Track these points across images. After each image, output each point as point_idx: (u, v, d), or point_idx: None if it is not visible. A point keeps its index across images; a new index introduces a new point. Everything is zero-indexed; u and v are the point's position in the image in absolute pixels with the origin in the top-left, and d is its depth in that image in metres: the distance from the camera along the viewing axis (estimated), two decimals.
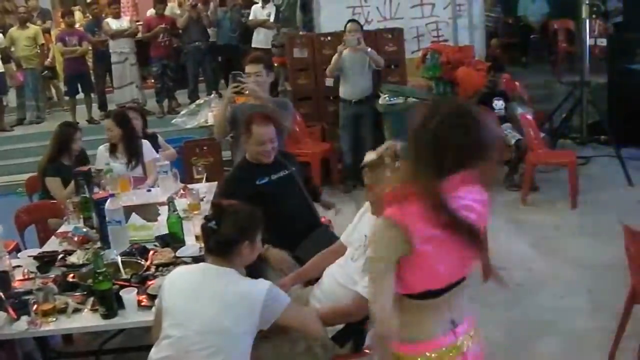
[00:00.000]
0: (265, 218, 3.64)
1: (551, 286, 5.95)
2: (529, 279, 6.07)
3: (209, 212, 3.50)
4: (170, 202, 4.78)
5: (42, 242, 5.48)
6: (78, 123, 11.33)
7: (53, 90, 14.21)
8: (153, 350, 3.35)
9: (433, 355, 2.58)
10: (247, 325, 3.23)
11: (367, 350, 3.85)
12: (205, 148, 8.70)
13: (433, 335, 2.60)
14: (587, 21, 9.88)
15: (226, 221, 3.30)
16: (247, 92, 5.75)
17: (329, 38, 9.51)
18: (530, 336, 5.12)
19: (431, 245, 2.47)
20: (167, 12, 12.70)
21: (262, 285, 3.30)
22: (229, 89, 5.79)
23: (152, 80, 12.79)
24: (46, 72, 13.29)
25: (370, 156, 3.08)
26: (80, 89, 12.31)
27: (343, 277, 3.81)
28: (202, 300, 3.23)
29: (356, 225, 3.96)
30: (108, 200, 4.64)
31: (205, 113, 9.17)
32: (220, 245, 3.31)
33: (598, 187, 8.36)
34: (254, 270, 3.61)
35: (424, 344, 2.60)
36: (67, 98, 12.78)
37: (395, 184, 2.79)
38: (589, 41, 9.97)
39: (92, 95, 12.50)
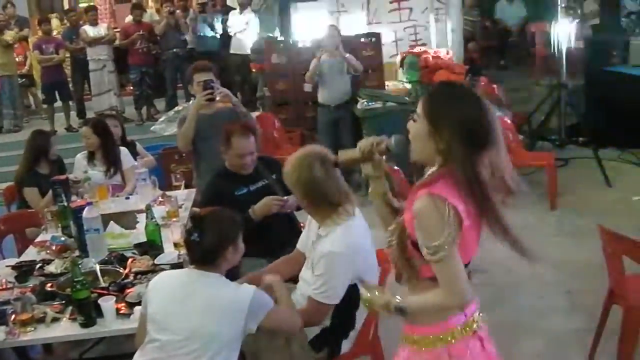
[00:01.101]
0: (244, 228, 3.66)
1: (530, 287, 5.97)
2: (509, 279, 6.08)
3: (189, 223, 3.49)
4: (148, 209, 4.77)
5: (21, 252, 5.45)
6: (56, 131, 11.36)
7: (31, 98, 14.13)
8: (137, 354, 3.36)
9: (446, 335, 2.64)
10: (233, 330, 3.25)
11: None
12: (184, 155, 8.65)
13: (447, 316, 2.65)
14: (564, 23, 9.93)
15: (208, 231, 3.31)
16: (218, 98, 5.76)
17: (307, 44, 9.52)
18: (510, 337, 5.11)
19: (470, 220, 2.53)
20: (146, 19, 12.66)
21: (247, 290, 3.33)
22: (199, 97, 5.75)
23: (131, 88, 12.74)
24: (24, 80, 13.23)
25: (350, 153, 2.98)
26: (58, 97, 12.28)
27: (302, 288, 3.88)
28: (188, 305, 3.24)
29: (307, 232, 4.01)
30: (86, 209, 4.62)
31: None
32: (206, 255, 3.32)
33: (577, 189, 8.41)
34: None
35: (438, 325, 2.65)
36: (45, 106, 12.74)
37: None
38: (565, 43, 10.02)
39: (71, 103, 12.47)
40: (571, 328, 5.22)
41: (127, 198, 6.00)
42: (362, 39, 9.71)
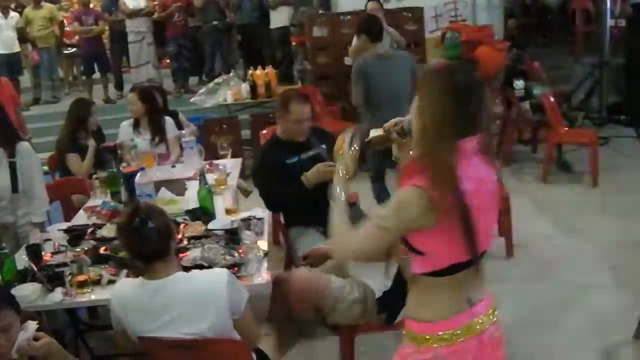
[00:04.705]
0: (294, 196, 3.63)
1: (574, 263, 5.94)
2: (552, 256, 6.07)
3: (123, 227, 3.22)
4: (201, 175, 4.79)
5: (67, 219, 5.51)
6: (94, 103, 11.43)
7: (75, 69, 14.24)
8: None
9: (445, 335, 2.50)
10: (221, 315, 3.12)
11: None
12: (224, 126, 8.70)
13: (448, 315, 2.51)
14: (607, 1, 9.85)
15: (156, 223, 3.12)
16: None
17: (348, 17, 9.51)
18: (554, 313, 5.11)
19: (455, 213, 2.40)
20: None
21: (219, 270, 3.31)
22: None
23: (168, 60, 12.78)
24: (73, 49, 13.35)
25: (376, 132, 2.92)
26: (96, 69, 12.36)
27: None
28: (171, 313, 3.12)
29: None
30: (138, 174, 4.67)
31: (224, 92, 9.14)
32: (160, 249, 3.15)
33: (618, 167, 8.37)
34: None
35: (439, 324, 2.52)
36: (83, 77, 12.80)
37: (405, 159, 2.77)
38: (607, 21, 9.94)
39: (109, 74, 12.53)
40: (616, 305, 5.17)
41: (173, 166, 6.05)
42: (404, 13, 9.66)
